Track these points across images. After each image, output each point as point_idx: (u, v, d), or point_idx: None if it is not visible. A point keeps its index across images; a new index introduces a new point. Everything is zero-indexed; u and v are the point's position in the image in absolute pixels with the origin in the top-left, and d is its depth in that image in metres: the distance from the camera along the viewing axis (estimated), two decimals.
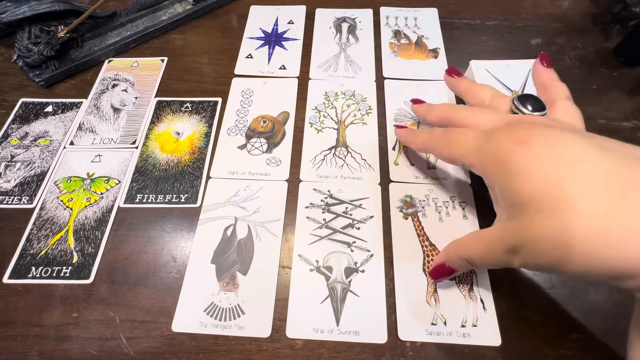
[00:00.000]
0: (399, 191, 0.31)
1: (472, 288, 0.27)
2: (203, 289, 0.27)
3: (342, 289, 0.27)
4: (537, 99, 0.25)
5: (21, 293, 0.28)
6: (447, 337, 0.25)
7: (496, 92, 0.28)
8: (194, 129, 0.36)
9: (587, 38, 0.42)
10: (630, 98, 0.37)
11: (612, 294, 0.27)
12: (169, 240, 0.30)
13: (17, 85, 0.40)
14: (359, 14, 0.45)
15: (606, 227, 0.17)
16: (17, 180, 0.33)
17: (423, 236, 0.29)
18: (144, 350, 0.25)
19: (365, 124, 0.36)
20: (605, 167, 0.18)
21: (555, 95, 0.26)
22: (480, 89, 0.28)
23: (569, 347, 0.25)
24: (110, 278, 0.28)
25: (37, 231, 0.30)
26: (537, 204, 0.19)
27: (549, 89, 0.26)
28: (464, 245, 0.24)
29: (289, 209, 0.31)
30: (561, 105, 0.25)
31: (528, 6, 0.45)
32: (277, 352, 0.25)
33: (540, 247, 0.19)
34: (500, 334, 0.25)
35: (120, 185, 0.33)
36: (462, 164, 0.25)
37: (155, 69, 0.40)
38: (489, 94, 0.28)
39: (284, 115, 0.36)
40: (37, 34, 0.38)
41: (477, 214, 0.30)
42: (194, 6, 0.44)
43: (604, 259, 0.17)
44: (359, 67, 0.40)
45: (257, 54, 0.42)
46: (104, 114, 0.37)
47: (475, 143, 0.23)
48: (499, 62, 0.37)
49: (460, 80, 0.30)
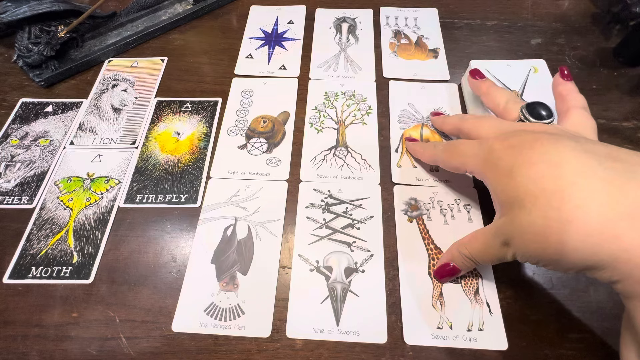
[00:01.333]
0: (404, 194, 0.31)
1: (478, 292, 0.27)
2: (203, 289, 0.27)
3: (342, 289, 0.27)
4: (546, 106, 0.26)
5: (21, 293, 0.28)
6: (453, 342, 0.25)
7: (511, 98, 0.29)
8: (194, 129, 0.36)
9: (587, 38, 0.42)
10: (630, 98, 0.37)
11: (612, 294, 0.27)
12: (169, 240, 0.30)
13: (17, 85, 0.40)
14: (359, 14, 0.45)
15: (578, 221, 0.18)
16: (17, 180, 0.33)
17: (428, 239, 0.29)
18: (144, 350, 0.25)
19: (365, 124, 0.36)
20: (585, 169, 0.19)
21: (570, 104, 0.27)
22: (498, 93, 0.30)
23: (569, 347, 0.25)
24: (110, 278, 0.28)
25: (37, 231, 0.30)
26: (520, 202, 0.21)
27: (565, 98, 0.28)
28: (465, 243, 0.25)
29: (289, 209, 0.31)
30: (575, 113, 0.26)
31: (528, 6, 0.45)
32: (277, 352, 0.25)
33: (525, 239, 0.21)
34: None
35: (120, 185, 0.33)
36: (464, 171, 0.27)
37: (155, 69, 0.40)
38: (504, 99, 0.29)
39: (284, 115, 0.36)
40: (37, 34, 0.38)
41: (482, 216, 0.30)
42: (194, 6, 0.44)
43: (577, 249, 0.19)
44: (359, 67, 0.40)
45: (257, 54, 0.42)
46: (104, 114, 0.37)
47: (473, 151, 0.25)
48: (499, 62, 0.37)
49: (482, 83, 0.32)
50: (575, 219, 0.18)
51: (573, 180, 0.19)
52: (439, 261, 0.27)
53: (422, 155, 0.32)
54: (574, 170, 0.20)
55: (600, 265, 0.18)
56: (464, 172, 0.27)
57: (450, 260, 0.26)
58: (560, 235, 0.19)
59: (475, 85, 0.33)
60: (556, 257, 0.19)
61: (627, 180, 0.18)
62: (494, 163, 0.23)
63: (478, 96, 0.33)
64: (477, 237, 0.24)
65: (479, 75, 0.33)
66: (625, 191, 0.18)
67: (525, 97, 0.34)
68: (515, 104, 0.28)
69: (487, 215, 0.30)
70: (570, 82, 0.29)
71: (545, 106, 0.26)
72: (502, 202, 0.22)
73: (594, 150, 0.20)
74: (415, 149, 0.32)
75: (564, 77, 0.29)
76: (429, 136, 0.34)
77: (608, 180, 0.19)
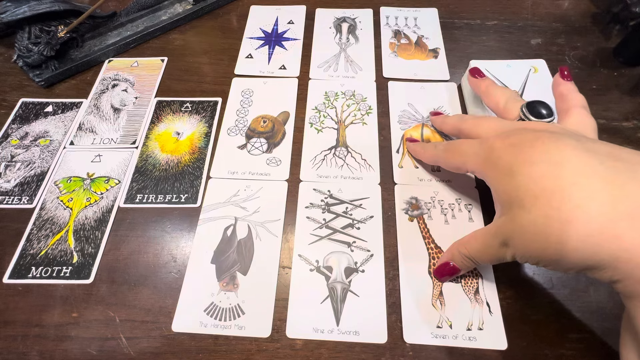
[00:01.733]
0: (404, 193, 0.31)
1: (478, 291, 0.27)
2: (203, 289, 0.27)
3: (342, 289, 0.27)
4: (547, 105, 0.26)
5: (21, 293, 0.28)
6: (453, 341, 0.25)
7: (512, 96, 0.29)
8: (194, 129, 0.36)
9: (587, 38, 0.42)
10: (630, 98, 0.37)
11: (612, 294, 0.27)
12: (169, 240, 0.30)
13: (17, 85, 0.40)
14: (359, 14, 0.45)
15: (579, 221, 0.18)
16: (17, 180, 0.33)
17: (429, 238, 0.29)
18: (144, 350, 0.25)
19: (365, 124, 0.36)
20: (586, 169, 0.19)
21: (571, 104, 0.27)
22: (497, 92, 0.30)
23: (569, 347, 0.25)
24: (110, 278, 0.28)
25: (37, 231, 0.30)
26: (520, 201, 0.21)
27: (566, 98, 0.28)
28: (465, 242, 0.25)
29: (289, 209, 0.31)
30: (575, 112, 0.26)
31: (528, 6, 0.45)
32: (277, 352, 0.25)
33: (524, 239, 0.21)
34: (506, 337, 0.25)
35: (120, 185, 0.33)
36: (465, 171, 0.27)
37: (155, 69, 0.40)
38: (504, 98, 0.29)
39: (284, 115, 0.36)
40: (37, 34, 0.38)
41: (483, 216, 0.30)
42: (194, 6, 0.44)
43: (577, 249, 0.18)
44: (359, 67, 0.40)
45: (257, 54, 0.42)
46: (104, 114, 0.37)
47: (473, 150, 0.25)
48: (499, 62, 0.37)
49: (482, 81, 0.32)
50: (575, 219, 0.18)
51: (574, 180, 0.19)
52: (439, 260, 0.27)
53: (422, 155, 0.32)
54: (575, 169, 0.19)
55: (600, 265, 0.18)
56: (465, 172, 0.27)
57: (450, 260, 0.26)
58: (561, 235, 0.19)
59: (475, 84, 0.33)
60: (556, 257, 0.19)
61: (628, 179, 0.18)
62: (495, 162, 0.23)
63: (478, 96, 0.33)
64: (477, 236, 0.24)
65: (478, 74, 0.33)
66: (626, 190, 0.18)
67: (525, 97, 0.34)
68: (515, 102, 0.28)
69: (488, 215, 0.30)
70: (570, 82, 0.29)
71: (545, 105, 0.26)
72: (503, 201, 0.22)
73: (595, 149, 0.20)
74: (416, 149, 0.32)
75: (564, 77, 0.29)
76: (430, 136, 0.34)
77: (609, 179, 0.19)
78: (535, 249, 0.20)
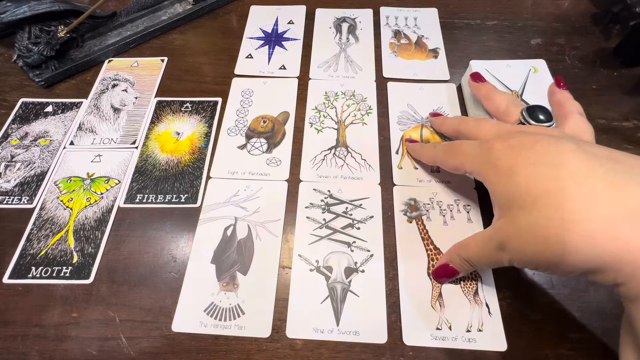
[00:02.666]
0: (403, 194, 0.31)
1: (477, 292, 0.27)
2: (203, 289, 0.27)
3: (342, 289, 0.27)
4: (546, 110, 0.27)
5: (21, 293, 0.28)
6: (452, 342, 0.25)
7: (512, 101, 0.29)
8: (194, 129, 0.36)
9: (587, 38, 0.42)
10: (630, 98, 0.37)
11: (612, 294, 0.27)
12: (169, 240, 0.30)
13: (17, 85, 0.40)
14: (359, 14, 0.45)
15: (581, 222, 0.18)
16: (17, 180, 0.33)
17: (427, 239, 0.29)
18: (144, 350, 0.25)
19: (365, 124, 0.36)
20: (586, 171, 0.19)
21: (568, 110, 0.27)
22: (498, 96, 0.30)
23: (569, 347, 0.25)
24: (110, 278, 0.28)
25: (37, 231, 0.30)
26: (519, 203, 0.21)
27: (563, 105, 0.28)
28: (464, 245, 0.25)
29: (289, 209, 0.31)
30: (573, 119, 0.26)
31: (528, 6, 0.45)
32: (277, 352, 0.25)
33: (523, 241, 0.20)
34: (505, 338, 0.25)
35: (120, 185, 0.33)
36: (464, 172, 0.27)
37: (155, 69, 0.40)
38: (504, 102, 0.29)
39: (284, 115, 0.36)
40: (37, 34, 0.38)
41: (482, 217, 0.30)
42: (194, 6, 0.44)
43: (579, 250, 0.18)
44: (359, 67, 0.40)
45: (257, 54, 0.42)
46: (104, 114, 0.37)
47: (472, 152, 0.25)
48: (499, 62, 0.37)
49: (482, 86, 0.32)
50: (577, 220, 0.18)
51: (574, 181, 0.19)
52: (438, 262, 0.27)
53: (421, 155, 0.32)
54: (576, 171, 0.19)
55: (603, 268, 0.18)
56: (464, 173, 0.27)
57: (449, 262, 0.26)
58: (562, 236, 0.19)
59: (475, 89, 0.33)
60: (556, 260, 0.19)
61: (628, 181, 0.18)
62: (494, 163, 0.23)
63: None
64: (476, 239, 0.24)
65: (479, 79, 0.33)
66: (626, 192, 0.18)
67: (525, 97, 0.34)
68: (515, 106, 0.28)
69: (487, 216, 0.30)
70: (566, 91, 0.29)
71: (545, 110, 0.26)
72: (501, 203, 0.22)
73: (594, 152, 0.20)
74: (415, 149, 0.32)
75: (559, 86, 0.30)
76: (429, 137, 0.34)
77: (609, 181, 0.19)
78: (534, 251, 0.20)
